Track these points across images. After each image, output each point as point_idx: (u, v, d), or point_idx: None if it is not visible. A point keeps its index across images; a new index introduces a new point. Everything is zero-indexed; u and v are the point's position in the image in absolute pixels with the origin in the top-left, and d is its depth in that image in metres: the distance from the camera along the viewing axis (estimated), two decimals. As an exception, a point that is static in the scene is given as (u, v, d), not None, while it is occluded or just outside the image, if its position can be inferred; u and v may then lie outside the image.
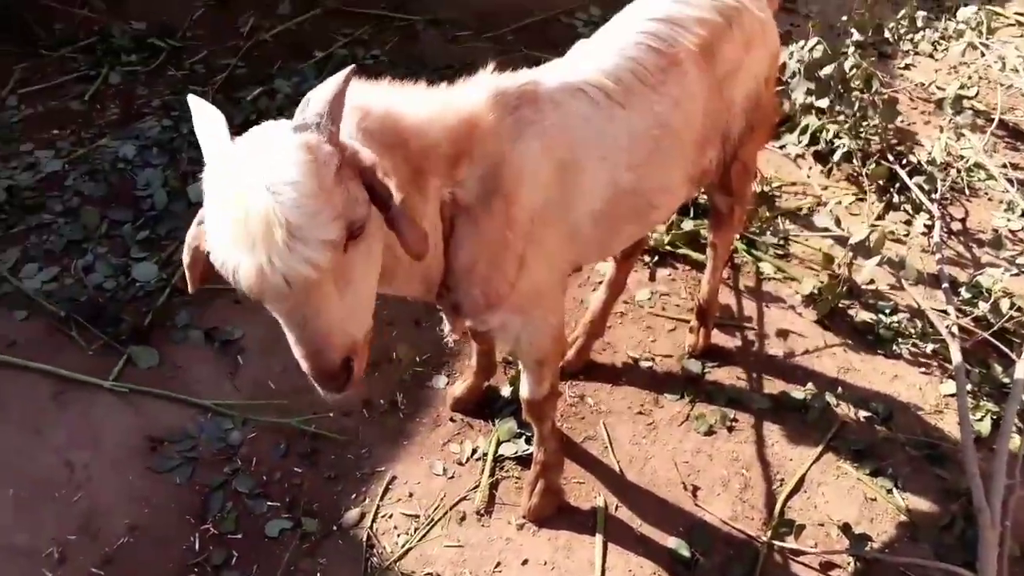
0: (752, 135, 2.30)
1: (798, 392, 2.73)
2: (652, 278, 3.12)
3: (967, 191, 3.59)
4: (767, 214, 3.28)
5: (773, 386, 2.77)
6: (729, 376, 2.80)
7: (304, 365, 1.35)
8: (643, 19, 2.01)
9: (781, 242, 3.29)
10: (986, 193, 3.61)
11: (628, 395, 2.72)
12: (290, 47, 4.19)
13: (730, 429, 2.63)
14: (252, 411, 2.58)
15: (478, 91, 1.75)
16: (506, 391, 2.66)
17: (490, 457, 2.49)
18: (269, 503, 2.36)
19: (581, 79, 1.88)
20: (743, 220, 2.78)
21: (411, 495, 2.42)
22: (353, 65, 1.40)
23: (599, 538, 2.33)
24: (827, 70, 3.36)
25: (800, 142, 3.34)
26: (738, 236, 3.12)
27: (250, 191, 1.23)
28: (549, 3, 4.74)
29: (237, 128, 2.67)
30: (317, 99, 1.33)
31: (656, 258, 3.17)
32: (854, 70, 3.41)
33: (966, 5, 4.96)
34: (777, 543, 2.33)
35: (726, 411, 2.67)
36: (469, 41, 4.36)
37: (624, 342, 2.88)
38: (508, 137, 1.73)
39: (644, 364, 2.82)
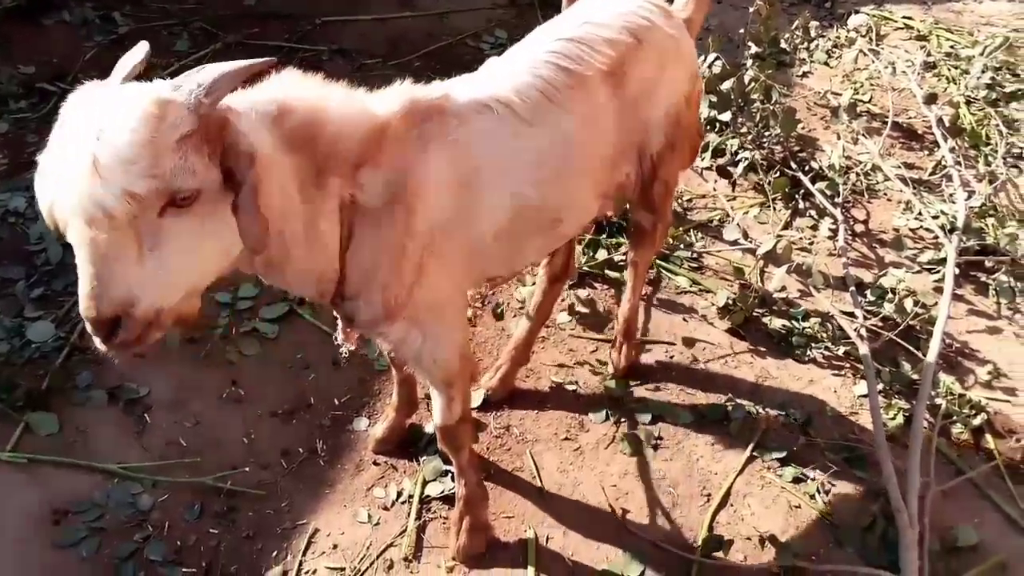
0: (673, 153, 2.33)
1: (718, 405, 2.76)
2: (572, 299, 3.12)
3: (867, 194, 3.71)
4: (679, 228, 3.33)
5: (695, 399, 2.80)
6: (652, 392, 2.81)
7: (79, 304, 1.34)
8: (553, 39, 2.03)
9: (694, 255, 3.34)
10: (885, 194, 3.74)
11: (553, 421, 2.70)
12: (188, 84, 4.06)
13: (655, 447, 2.64)
14: (162, 472, 2.46)
15: (393, 99, 1.78)
16: (430, 428, 2.61)
17: (416, 499, 2.44)
18: (184, 570, 2.25)
19: (488, 95, 1.90)
20: (664, 237, 2.81)
21: (335, 547, 2.34)
22: (270, 59, 1.43)
23: (531, 571, 2.30)
24: (727, 84, 3.43)
25: (703, 157, 3.40)
26: (653, 252, 3.16)
27: (85, 123, 1.28)
28: (455, 28, 4.74)
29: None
30: (209, 70, 1.36)
31: (574, 279, 3.17)
32: (752, 83, 3.49)
33: (856, 13, 5.17)
34: (707, 560, 2.34)
35: (651, 429, 2.68)
36: (376, 69, 4.32)
37: (547, 367, 2.87)
38: (414, 148, 1.75)
39: (568, 387, 2.81)
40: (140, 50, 1.53)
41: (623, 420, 2.71)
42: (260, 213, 1.37)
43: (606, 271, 3.21)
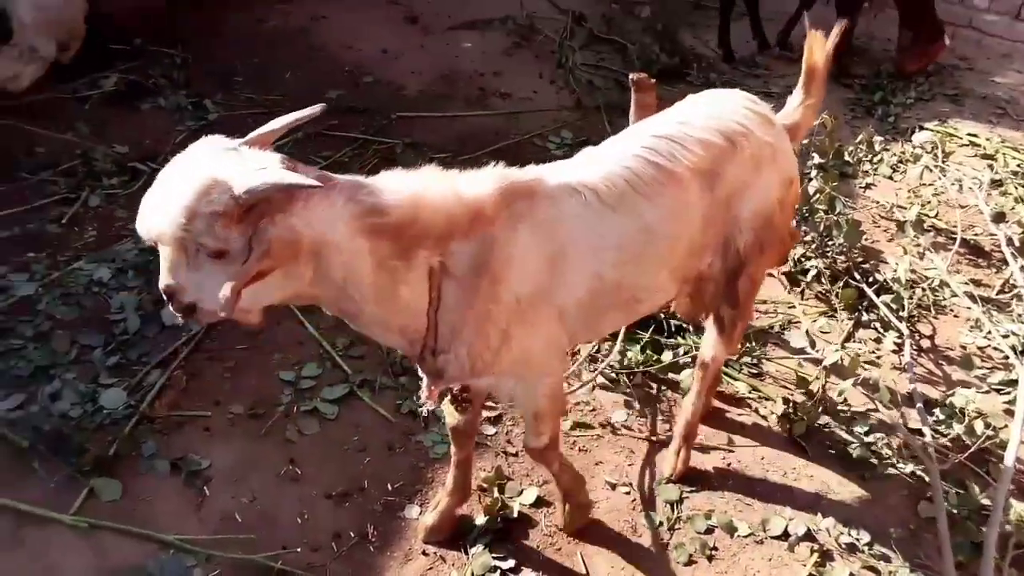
0: (762, 252, 2.41)
1: (778, 519, 2.68)
2: (629, 398, 3.11)
3: (933, 309, 3.67)
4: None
5: (752, 511, 2.73)
6: (708, 501, 2.75)
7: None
8: (647, 135, 2.19)
9: (755, 361, 3.31)
10: (951, 310, 3.69)
11: (606, 523, 2.65)
12: (268, 171, 4.27)
13: (710, 558, 2.57)
14: (217, 546, 2.47)
15: (487, 180, 1.94)
16: (480, 520, 2.59)
17: (464, 593, 2.41)
18: (232, 648, 2.24)
19: (578, 180, 2.05)
20: (740, 338, 2.82)
21: (381, 637, 2.31)
22: (315, 182, 1.66)
23: None
24: (792, 194, 3.48)
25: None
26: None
27: (176, 169, 1.68)
28: (523, 127, 4.93)
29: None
30: (266, 175, 1.63)
31: (634, 378, 3.17)
32: (818, 194, 3.53)
33: (920, 129, 5.22)
34: None
35: (706, 539, 2.62)
36: (445, 163, 4.47)
37: (601, 467, 2.84)
38: (503, 226, 1.91)
39: (622, 490, 2.77)
40: (278, 122, 1.88)
41: (678, 527, 2.65)
42: (239, 285, 1.63)
43: (669, 373, 3.20)
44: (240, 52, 5.51)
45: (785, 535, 2.65)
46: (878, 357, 3.38)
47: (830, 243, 3.75)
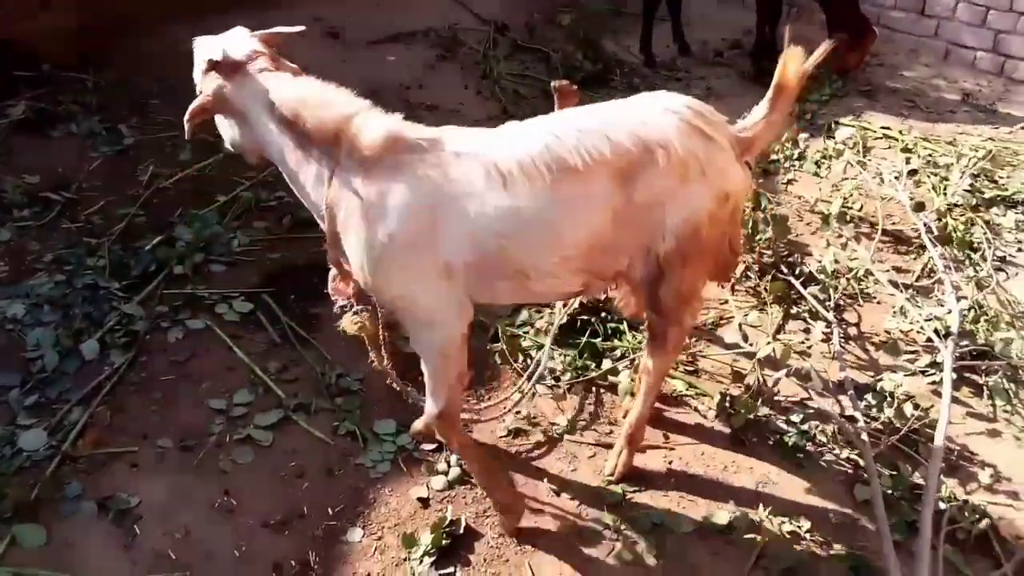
0: (684, 264, 2.39)
1: (722, 512, 2.71)
2: (565, 400, 3.11)
3: (859, 298, 3.77)
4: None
5: (695, 507, 2.75)
6: (651, 500, 2.76)
7: None
8: (564, 121, 2.26)
9: (690, 359, 3.35)
10: (875, 298, 3.80)
11: (552, 530, 2.64)
12: (191, 193, 4.16)
13: (657, 557, 2.58)
14: (150, 586, 2.38)
15: (379, 128, 2.17)
16: (426, 537, 2.53)
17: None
18: None
19: (475, 151, 2.19)
20: (677, 347, 2.80)
21: (327, 666, 2.25)
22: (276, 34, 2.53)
23: None
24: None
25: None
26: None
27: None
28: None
29: (135, 278, 2.65)
30: (232, 43, 2.40)
31: (573, 386, 3.16)
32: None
33: (837, 124, 5.39)
34: None
35: (651, 538, 2.62)
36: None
37: (545, 472, 2.83)
38: (386, 171, 2.15)
39: (566, 495, 2.76)
40: (275, 29, 2.55)
41: (623, 528, 2.65)
42: (191, 111, 2.37)
43: (609, 377, 3.21)
44: (155, 75, 5.34)
45: (729, 528, 2.67)
46: (808, 347, 3.46)
47: (757, 239, 3.83)
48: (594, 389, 3.19)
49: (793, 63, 2.43)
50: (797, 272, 3.81)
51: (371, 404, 3.04)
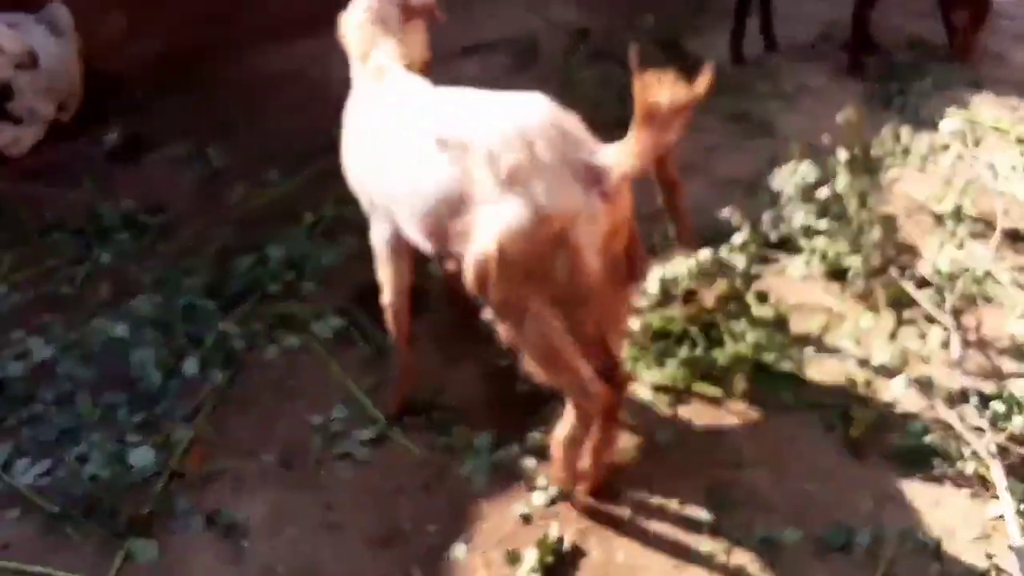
0: (480, 290, 2.28)
1: (839, 529, 2.55)
2: (674, 414, 3.01)
3: (978, 301, 3.53)
4: (781, 340, 3.19)
5: (811, 524, 2.59)
6: (761, 518, 2.62)
7: None
8: (453, 94, 2.59)
9: (796, 369, 3.19)
10: (996, 300, 3.55)
11: (660, 547, 2.53)
12: (280, 213, 4.23)
13: (772, 577, 2.44)
14: (260, 601, 2.39)
15: (384, 53, 2.78)
16: (531, 555, 2.46)
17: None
18: None
19: (407, 93, 2.66)
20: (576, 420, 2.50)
21: None
22: None
23: None
24: (823, 192, 3.38)
25: (809, 263, 3.28)
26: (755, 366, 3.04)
27: None
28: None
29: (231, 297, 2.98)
30: None
31: (673, 394, 3.05)
32: (848, 189, 3.43)
33: (943, 117, 5.10)
34: None
35: (764, 558, 2.48)
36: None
37: (651, 488, 2.72)
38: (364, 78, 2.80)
39: (674, 509, 2.64)
40: None
41: (733, 546, 2.52)
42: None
43: (705, 389, 3.08)
44: (239, 98, 5.48)
45: (849, 545, 2.52)
46: (926, 354, 3.25)
47: (863, 241, 3.62)
48: (694, 403, 3.06)
49: (651, 89, 2.09)
50: (908, 274, 3.59)
51: (467, 417, 3.00)
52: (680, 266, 3.22)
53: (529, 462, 2.81)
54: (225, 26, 6.28)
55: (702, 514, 2.62)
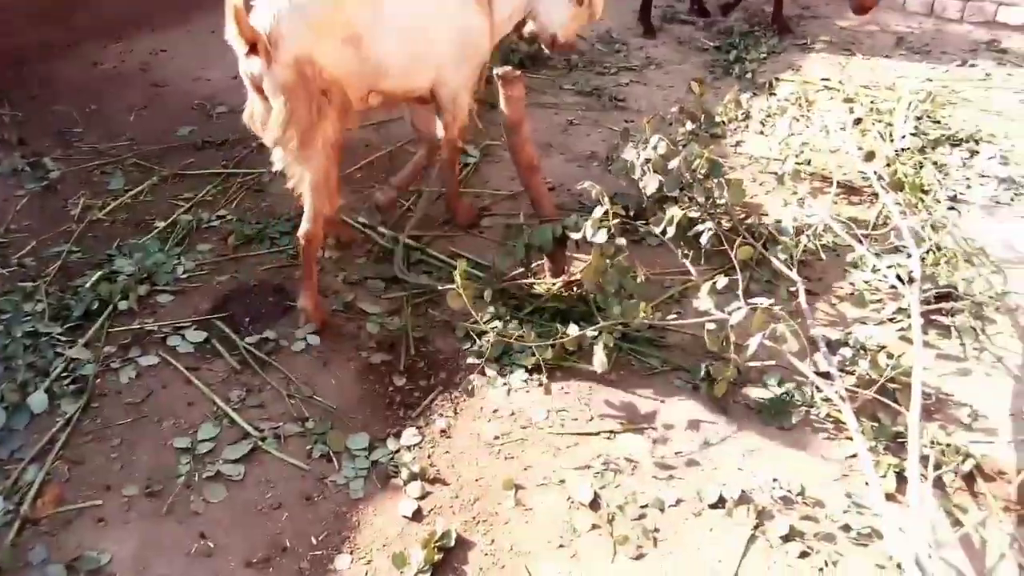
0: None
1: (711, 486, 2.67)
2: (548, 392, 3.05)
3: (821, 253, 3.76)
4: (644, 308, 3.28)
5: (685, 483, 2.71)
6: (638, 483, 2.71)
7: None
8: None
9: (661, 336, 3.31)
10: (835, 251, 3.79)
11: (544, 528, 2.57)
12: (128, 223, 3.98)
13: (655, 542, 2.53)
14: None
15: None
16: (417, 553, 2.44)
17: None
18: None
19: None
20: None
21: None
22: None
23: None
24: (674, 163, 3.49)
25: (665, 232, 3.39)
26: (616, 334, 3.12)
27: None
28: (394, 136, 4.80)
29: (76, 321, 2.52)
30: None
31: (545, 373, 3.10)
32: (698, 159, 3.55)
33: (777, 80, 5.38)
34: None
35: (644, 523, 2.57)
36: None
37: (531, 471, 2.76)
38: None
39: (553, 488, 2.70)
40: None
41: (615, 516, 2.60)
42: None
43: (575, 364, 3.15)
44: (76, 101, 5.11)
45: (721, 501, 2.64)
46: (778, 309, 3.42)
47: (712, 205, 3.78)
48: (570, 379, 3.12)
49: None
50: (757, 234, 3.78)
51: (343, 420, 2.94)
52: (545, 235, 3.28)
53: (407, 457, 2.79)
54: (61, 24, 5.82)
55: (583, 489, 2.68)
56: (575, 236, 3.22)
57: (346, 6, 2.99)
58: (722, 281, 3.06)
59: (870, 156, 4.12)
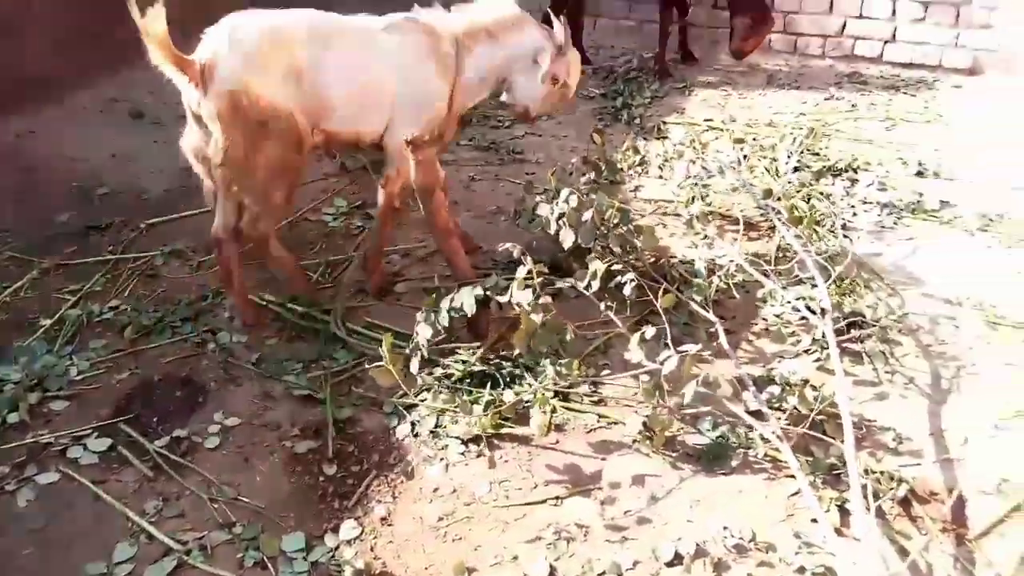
0: None
1: (666, 543, 2.64)
2: (492, 466, 2.95)
3: (733, 291, 3.85)
4: (576, 366, 3.25)
5: (638, 543, 2.66)
6: (591, 549, 2.64)
7: None
8: None
9: (593, 388, 3.28)
10: (744, 288, 3.90)
11: (503, 610, 2.46)
12: (8, 324, 3.65)
13: (616, 610, 2.46)
14: None
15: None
16: None
17: None
18: None
19: None
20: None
21: None
22: None
23: None
24: (587, 215, 3.51)
25: (585, 284, 3.38)
26: (554, 395, 3.08)
27: None
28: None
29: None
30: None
31: (484, 443, 3.00)
32: (609, 209, 3.59)
33: (664, 124, 5.56)
34: None
35: (606, 589, 2.51)
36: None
37: (480, 549, 2.65)
38: None
39: (508, 565, 2.59)
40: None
41: (573, 587, 2.52)
42: None
43: (513, 429, 3.07)
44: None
45: (678, 558, 2.60)
46: (703, 352, 3.47)
47: (625, 253, 3.81)
48: (506, 446, 3.04)
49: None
50: (670, 278, 3.84)
51: (274, 521, 2.74)
52: (467, 298, 3.20)
53: (348, 553, 2.62)
54: None
55: (538, 564, 2.58)
56: (501, 299, 3.17)
57: (289, 43, 3.13)
58: (650, 331, 3.07)
59: (768, 193, 4.29)
